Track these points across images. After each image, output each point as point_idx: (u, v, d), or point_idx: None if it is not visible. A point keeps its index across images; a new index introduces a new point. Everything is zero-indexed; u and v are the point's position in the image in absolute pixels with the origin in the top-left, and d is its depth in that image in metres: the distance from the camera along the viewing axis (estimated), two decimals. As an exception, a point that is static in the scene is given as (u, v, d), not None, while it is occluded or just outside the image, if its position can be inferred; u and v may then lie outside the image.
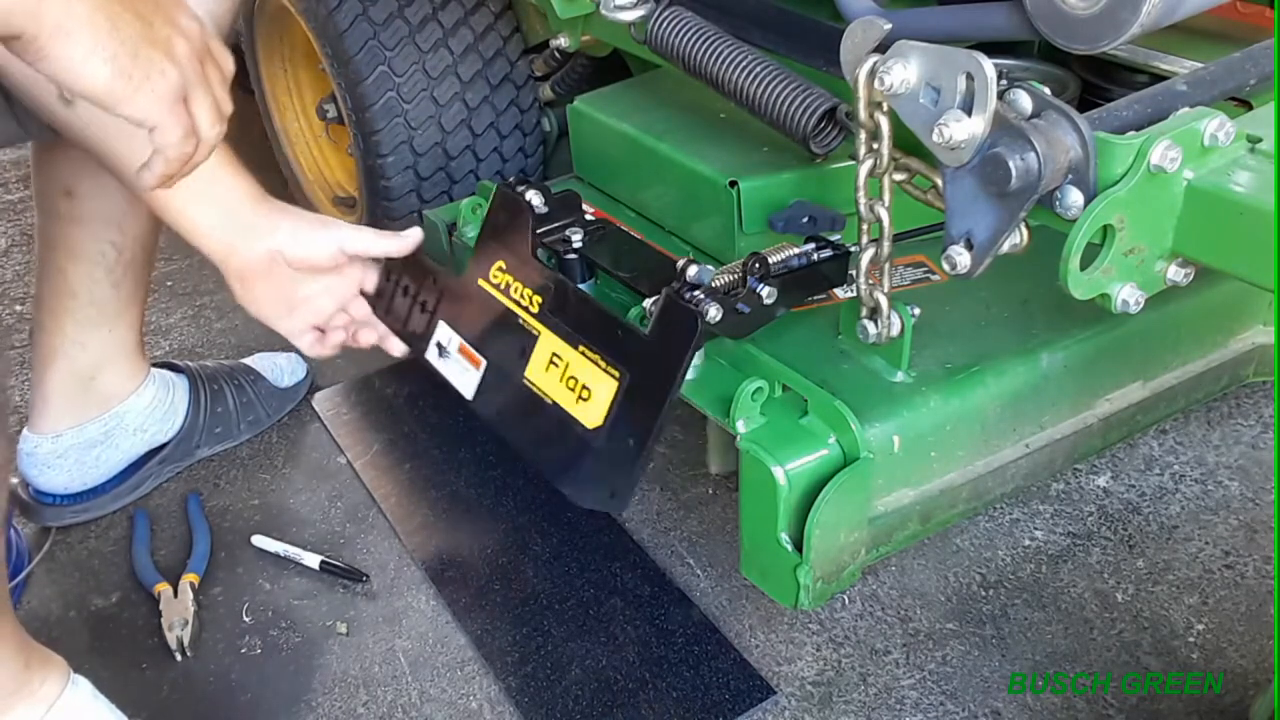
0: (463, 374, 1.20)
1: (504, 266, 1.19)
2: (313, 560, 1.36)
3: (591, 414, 1.05)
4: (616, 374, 1.03)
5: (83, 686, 1.04)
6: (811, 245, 1.17)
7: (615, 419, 1.03)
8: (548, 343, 1.11)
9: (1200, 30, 1.20)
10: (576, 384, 1.07)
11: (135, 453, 1.48)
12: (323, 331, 1.28)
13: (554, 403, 1.09)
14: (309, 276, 1.22)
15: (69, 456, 1.43)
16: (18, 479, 1.47)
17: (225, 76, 0.85)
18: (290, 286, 1.21)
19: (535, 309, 1.14)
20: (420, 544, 1.40)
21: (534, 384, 1.11)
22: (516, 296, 1.16)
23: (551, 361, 1.10)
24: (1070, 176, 0.83)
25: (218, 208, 1.14)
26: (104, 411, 1.44)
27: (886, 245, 1.01)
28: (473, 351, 1.20)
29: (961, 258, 0.88)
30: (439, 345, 1.24)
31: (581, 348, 1.07)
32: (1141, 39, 0.95)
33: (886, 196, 0.98)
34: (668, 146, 1.33)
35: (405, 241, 1.24)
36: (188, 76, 0.79)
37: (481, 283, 1.20)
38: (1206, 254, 0.86)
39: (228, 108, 0.84)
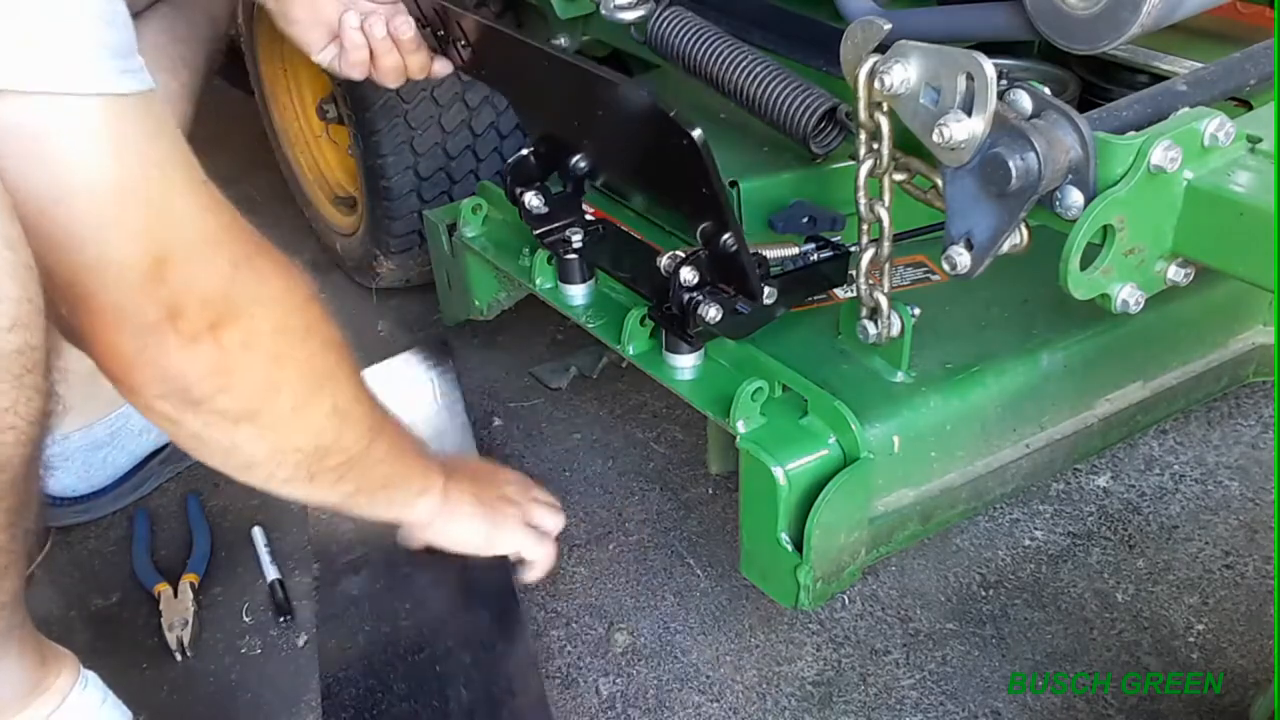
0: None
1: None
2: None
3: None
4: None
5: (93, 682, 1.05)
6: (811, 245, 1.17)
7: None
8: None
9: (1200, 30, 1.19)
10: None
11: (140, 454, 1.48)
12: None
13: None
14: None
15: (75, 459, 1.43)
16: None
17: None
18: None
19: None
20: (318, 574, 1.32)
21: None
22: None
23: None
24: (1070, 176, 0.83)
25: None
26: (111, 412, 1.44)
27: (886, 245, 1.01)
28: None
29: (961, 258, 0.88)
30: None
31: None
32: (1141, 39, 0.95)
33: (886, 196, 0.98)
34: (668, 147, 1.33)
35: None
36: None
37: None
38: (1206, 254, 0.86)
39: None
